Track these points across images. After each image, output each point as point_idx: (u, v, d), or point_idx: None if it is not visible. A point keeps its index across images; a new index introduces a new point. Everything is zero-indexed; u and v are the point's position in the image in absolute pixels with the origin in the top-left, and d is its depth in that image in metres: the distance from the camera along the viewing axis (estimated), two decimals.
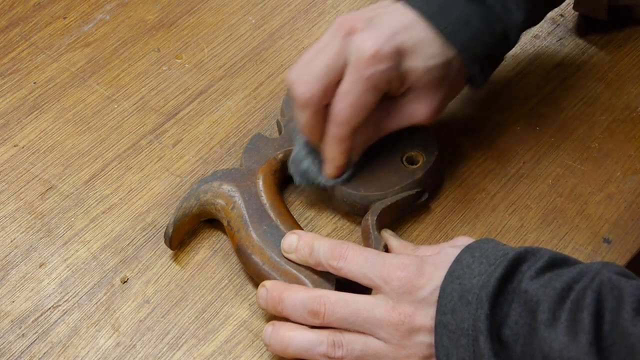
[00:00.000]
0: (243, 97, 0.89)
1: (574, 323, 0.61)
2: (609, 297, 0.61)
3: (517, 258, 0.66)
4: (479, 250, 0.68)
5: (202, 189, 0.78)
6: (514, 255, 0.66)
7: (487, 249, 0.68)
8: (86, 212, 0.81)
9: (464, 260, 0.67)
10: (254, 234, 0.76)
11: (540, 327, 0.62)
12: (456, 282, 0.66)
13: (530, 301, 0.64)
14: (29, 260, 0.79)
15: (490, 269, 0.66)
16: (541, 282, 0.64)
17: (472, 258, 0.67)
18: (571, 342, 0.61)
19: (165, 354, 0.73)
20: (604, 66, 0.89)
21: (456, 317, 0.65)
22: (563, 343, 0.61)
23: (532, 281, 0.64)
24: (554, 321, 0.62)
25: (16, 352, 0.74)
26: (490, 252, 0.67)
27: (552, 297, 0.63)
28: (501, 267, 0.65)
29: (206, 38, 0.93)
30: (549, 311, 0.62)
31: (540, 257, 0.66)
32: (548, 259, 0.66)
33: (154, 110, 0.88)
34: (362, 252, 0.71)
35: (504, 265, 0.65)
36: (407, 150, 0.80)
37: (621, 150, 0.84)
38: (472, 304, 0.65)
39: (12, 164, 0.85)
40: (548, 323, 0.62)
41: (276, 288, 0.72)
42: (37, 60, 0.92)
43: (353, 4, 0.95)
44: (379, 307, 0.69)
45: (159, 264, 0.78)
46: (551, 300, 0.63)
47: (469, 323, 0.65)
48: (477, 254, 0.67)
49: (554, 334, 0.61)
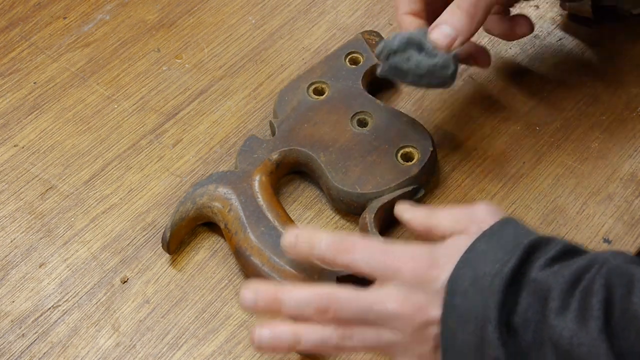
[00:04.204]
0: (243, 97, 0.89)
1: (583, 311, 0.60)
2: (618, 283, 0.60)
3: (532, 246, 0.65)
4: (496, 239, 0.66)
5: (197, 192, 0.78)
6: (529, 243, 0.65)
7: (504, 237, 0.66)
8: (86, 212, 0.81)
9: (479, 247, 0.66)
10: (252, 236, 0.76)
11: (550, 316, 0.62)
12: (469, 267, 0.65)
13: (541, 290, 0.63)
14: (29, 260, 0.79)
15: (505, 258, 0.64)
16: (550, 271, 0.63)
17: (488, 246, 0.66)
18: (581, 329, 0.60)
19: (165, 354, 0.73)
20: (604, 66, 0.89)
21: (466, 301, 0.64)
22: (573, 330, 0.60)
23: (541, 271, 0.64)
24: (564, 309, 0.61)
25: (16, 352, 0.74)
26: (508, 240, 0.66)
27: (561, 286, 0.62)
28: (515, 257, 0.64)
29: (206, 38, 0.93)
30: (559, 299, 0.62)
31: (553, 246, 0.65)
32: (560, 249, 0.65)
33: (154, 110, 0.88)
34: (368, 244, 0.69)
35: (518, 255, 0.64)
36: (402, 147, 0.80)
37: (621, 150, 0.84)
38: (484, 291, 0.64)
39: (12, 164, 0.85)
40: (558, 311, 0.61)
41: (267, 290, 0.68)
42: (37, 60, 0.92)
43: (353, 4, 0.95)
44: (392, 300, 0.66)
45: (159, 264, 0.78)
46: (561, 288, 0.62)
47: (479, 309, 0.64)
48: (494, 242, 0.66)
49: (564, 322, 0.61)
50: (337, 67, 0.86)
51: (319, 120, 0.82)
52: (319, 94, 0.84)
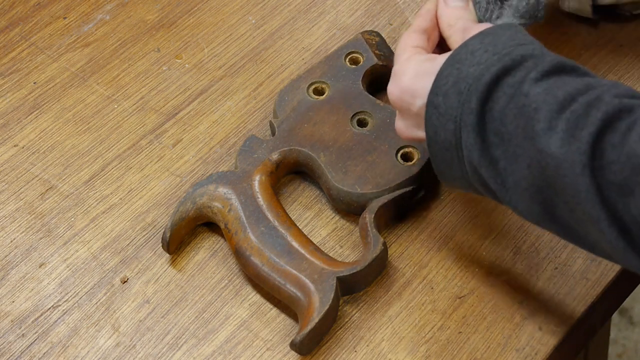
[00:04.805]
0: (243, 97, 0.89)
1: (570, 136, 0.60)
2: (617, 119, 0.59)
3: (524, 54, 0.65)
4: (491, 37, 0.67)
5: (197, 193, 0.78)
6: (521, 51, 0.65)
7: (500, 36, 0.67)
8: (86, 212, 0.81)
9: (471, 45, 0.67)
10: (252, 236, 0.76)
11: (535, 137, 0.61)
12: (455, 66, 0.66)
13: (529, 107, 0.62)
14: (29, 260, 0.79)
15: (492, 59, 0.65)
16: (543, 87, 0.62)
17: (481, 44, 0.67)
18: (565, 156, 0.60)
19: (165, 354, 0.74)
20: (604, 66, 0.89)
21: (446, 102, 0.66)
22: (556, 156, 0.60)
23: (535, 84, 0.63)
24: (549, 130, 0.61)
25: (16, 352, 0.74)
26: (502, 40, 0.66)
27: (551, 106, 0.62)
28: (503, 61, 0.64)
29: (206, 38, 0.93)
30: (544, 120, 0.61)
31: (548, 59, 0.64)
32: (556, 63, 0.64)
33: (154, 110, 0.88)
34: None
35: (507, 59, 0.64)
36: (402, 147, 0.80)
37: None
38: (462, 94, 0.65)
39: (12, 164, 0.85)
40: (542, 133, 0.61)
41: None
42: (37, 60, 0.92)
43: (353, 4, 0.95)
44: None
45: (159, 264, 0.78)
46: (549, 108, 0.61)
47: (458, 112, 0.65)
48: (487, 40, 0.67)
49: (547, 146, 0.61)
50: (337, 67, 0.86)
51: (319, 120, 0.82)
52: (319, 94, 0.84)
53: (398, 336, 0.74)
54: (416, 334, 0.74)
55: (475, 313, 0.75)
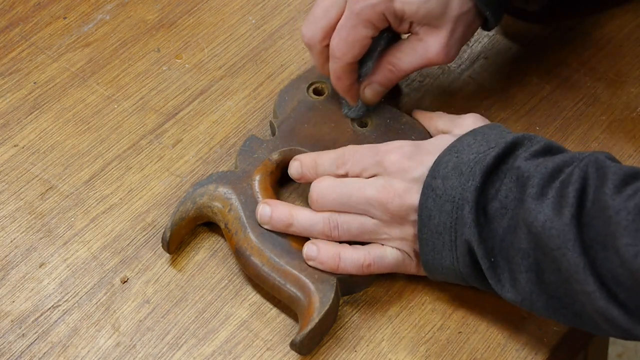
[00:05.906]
0: (243, 97, 0.89)
1: (560, 199, 0.64)
2: (594, 175, 0.63)
3: (515, 141, 0.69)
4: (482, 135, 0.71)
5: (197, 192, 0.78)
6: (513, 139, 0.69)
7: (490, 134, 0.71)
8: (86, 212, 0.81)
9: (465, 140, 0.71)
10: (252, 236, 0.76)
11: (528, 200, 0.65)
12: (454, 154, 0.70)
13: (522, 176, 0.67)
14: (29, 260, 0.79)
15: (488, 150, 0.69)
16: (534, 162, 0.67)
17: (474, 140, 0.70)
18: (555, 215, 0.63)
19: (165, 354, 0.74)
20: (604, 66, 0.89)
21: (446, 183, 0.69)
22: (547, 215, 0.64)
23: (525, 161, 0.67)
24: (542, 196, 0.65)
25: (16, 352, 0.74)
26: (492, 137, 0.70)
27: (542, 175, 0.66)
28: (498, 148, 0.68)
29: (206, 38, 0.93)
30: (537, 186, 0.65)
31: (537, 142, 0.69)
32: (544, 145, 0.69)
33: (154, 110, 0.88)
34: (358, 149, 0.75)
35: (502, 147, 0.68)
36: None
37: (621, 150, 0.84)
38: (464, 175, 0.68)
39: (12, 164, 0.85)
40: (536, 197, 0.65)
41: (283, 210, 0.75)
42: (37, 60, 0.92)
43: None
44: (370, 187, 0.72)
45: (159, 264, 0.78)
46: (541, 177, 0.66)
47: (458, 191, 0.68)
48: (479, 137, 0.71)
49: (540, 207, 0.64)
50: None
51: (319, 120, 0.82)
52: (319, 94, 0.84)
53: (398, 336, 0.74)
54: (416, 334, 0.74)
55: (475, 313, 0.75)
